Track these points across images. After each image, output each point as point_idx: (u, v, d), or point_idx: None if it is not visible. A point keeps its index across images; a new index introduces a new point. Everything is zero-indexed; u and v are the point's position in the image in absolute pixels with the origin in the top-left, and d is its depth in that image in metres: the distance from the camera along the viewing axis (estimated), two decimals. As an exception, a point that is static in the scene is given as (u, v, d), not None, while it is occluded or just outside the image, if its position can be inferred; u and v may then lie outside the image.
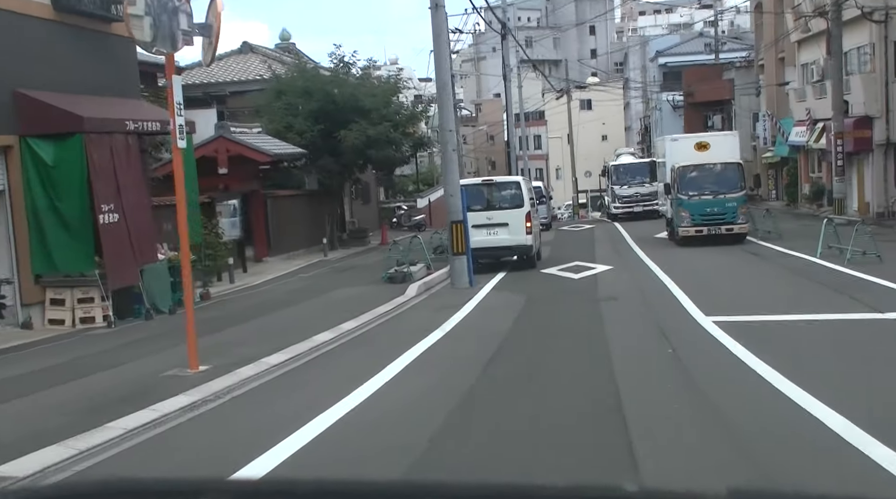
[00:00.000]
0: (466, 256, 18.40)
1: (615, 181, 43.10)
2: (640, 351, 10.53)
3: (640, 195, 41.91)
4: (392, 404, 8.40)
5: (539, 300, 15.98)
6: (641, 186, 41.88)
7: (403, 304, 16.17)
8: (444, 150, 18.18)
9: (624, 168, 43.61)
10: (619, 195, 42.58)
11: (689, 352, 10.28)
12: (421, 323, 13.55)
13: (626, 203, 42.11)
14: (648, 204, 40.98)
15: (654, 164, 40.85)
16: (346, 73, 31.71)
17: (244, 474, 5.93)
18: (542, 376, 9.39)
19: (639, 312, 14.03)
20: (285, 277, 23.49)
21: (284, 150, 27.07)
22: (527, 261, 22.13)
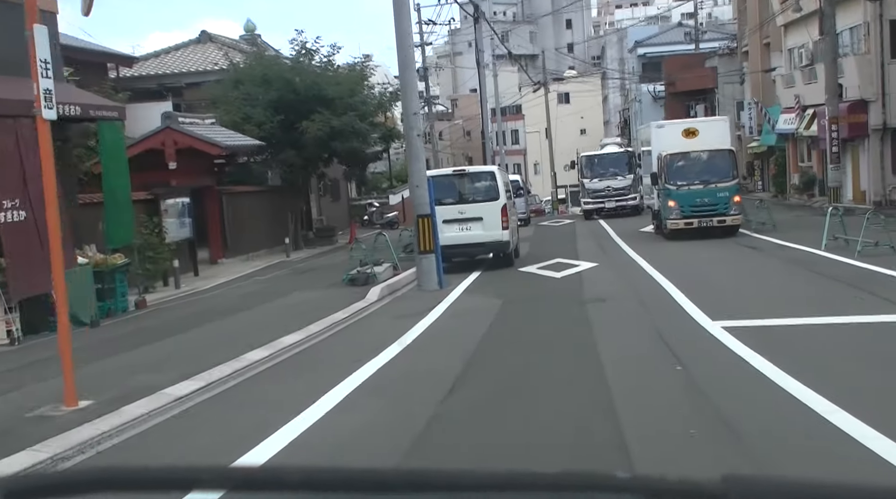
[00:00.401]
0: (435, 254, 16.39)
1: (585, 174, 38.53)
2: (641, 369, 8.53)
3: (612, 190, 37.46)
4: (326, 447, 6.41)
5: (517, 303, 14.00)
6: (614, 178, 37.49)
7: (362, 310, 14.14)
8: (407, 135, 16.18)
9: (595, 160, 39.04)
10: (589, 190, 38.08)
11: (703, 369, 8.31)
12: (378, 334, 11.52)
13: (597, 198, 37.64)
14: (622, 199, 37.34)
15: (630, 154, 37.85)
16: (309, 60, 29.58)
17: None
18: (519, 403, 7.39)
19: (633, 315, 12.07)
20: (239, 281, 21.40)
21: (240, 142, 24.95)
22: (504, 259, 20.18)
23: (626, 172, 37.41)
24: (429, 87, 65.36)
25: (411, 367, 9.40)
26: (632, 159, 36.96)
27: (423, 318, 12.64)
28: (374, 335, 11.42)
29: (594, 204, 37.64)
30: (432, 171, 21.96)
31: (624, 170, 37.56)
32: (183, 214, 22.43)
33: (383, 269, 18.85)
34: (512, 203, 22.49)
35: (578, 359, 9.19)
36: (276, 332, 11.65)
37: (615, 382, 7.89)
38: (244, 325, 13.24)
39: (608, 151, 40.51)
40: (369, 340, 10.99)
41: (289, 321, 12.85)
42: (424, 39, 60.71)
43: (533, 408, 7.21)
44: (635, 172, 36.44)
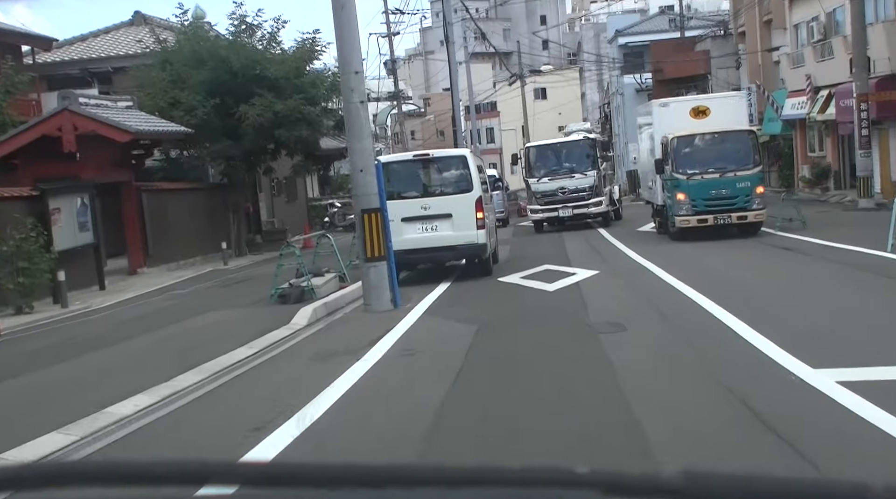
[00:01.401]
0: (387, 262, 12.23)
1: (532, 172, 27.09)
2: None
3: (567, 192, 26.28)
4: None
5: (498, 332, 9.84)
6: (570, 177, 26.41)
7: (278, 343, 9.97)
8: (346, 100, 12.01)
9: (544, 152, 27.62)
10: (536, 193, 26.94)
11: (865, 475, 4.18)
12: (272, 397, 7.21)
13: (548, 205, 26.54)
14: (582, 204, 26.34)
15: (594, 143, 27.72)
16: (250, 36, 25.27)
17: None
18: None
19: (676, 356, 7.91)
20: (150, 296, 17.11)
21: (158, 127, 20.63)
22: (479, 266, 16.07)
23: (587, 168, 26.55)
24: (397, 81, 61.06)
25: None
26: (595, 150, 27.24)
27: (357, 360, 8.43)
28: (264, 400, 7.08)
29: (544, 212, 26.79)
30: (388, 155, 17.87)
31: (584, 164, 26.65)
32: (84, 214, 18.14)
33: (325, 281, 14.69)
34: (489, 197, 18.38)
35: (617, 462, 5.04)
36: (125, 387, 7.45)
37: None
38: (91, 371, 8.94)
39: (560, 139, 29.59)
40: (253, 412, 6.68)
41: (163, 364, 8.69)
42: (392, 30, 56.46)
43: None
44: (598, 167, 27.03)
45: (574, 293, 12.74)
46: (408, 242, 15.19)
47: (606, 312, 10.60)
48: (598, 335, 9.13)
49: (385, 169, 15.51)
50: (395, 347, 9.13)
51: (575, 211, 26.39)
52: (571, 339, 9.05)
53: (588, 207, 26.41)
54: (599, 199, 26.62)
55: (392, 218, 14.86)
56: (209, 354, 9.12)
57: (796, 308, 10.09)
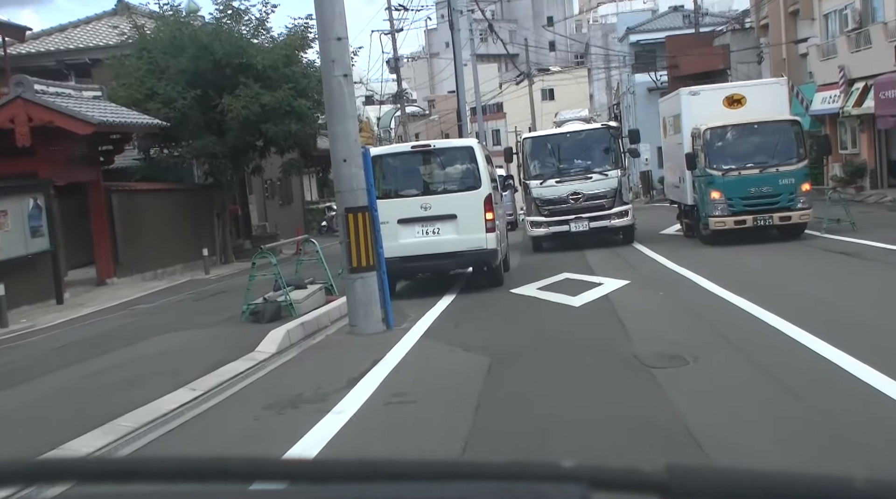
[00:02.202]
0: (377, 273, 9.95)
1: (532, 172, 19.87)
2: None
3: (581, 199, 19.22)
4: None
5: (518, 369, 7.51)
6: (586, 178, 19.37)
7: (229, 382, 7.68)
8: (325, 74, 9.71)
9: (547, 145, 20.11)
10: (538, 199, 19.58)
11: None
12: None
13: (554, 216, 19.28)
14: (602, 216, 19.20)
15: (617, 133, 20.83)
16: (236, 21, 23.01)
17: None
18: None
19: (775, 408, 5.57)
20: (110, 311, 14.84)
21: (125, 119, 18.36)
22: (488, 274, 13.80)
23: (608, 166, 19.46)
24: (401, 79, 58.98)
25: None
26: (618, 142, 20.26)
27: (327, 413, 6.12)
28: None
29: (549, 227, 19.35)
30: (381, 148, 15.71)
31: (605, 161, 19.57)
32: (37, 218, 15.91)
33: (308, 294, 12.42)
34: (499, 195, 16.12)
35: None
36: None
37: None
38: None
39: (571, 129, 21.06)
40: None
41: (69, 415, 6.49)
42: (396, 27, 54.41)
43: None
44: (623, 166, 20.17)
45: (605, 310, 10.46)
46: (405, 248, 12.96)
47: (654, 337, 8.32)
48: (651, 372, 6.84)
49: (378, 163, 13.32)
50: (380, 391, 6.82)
51: (592, 224, 18.85)
52: (618, 379, 6.75)
53: (610, 219, 19.03)
54: (624, 208, 19.26)
55: (386, 220, 12.64)
56: (136, 399, 6.87)
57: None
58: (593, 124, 21.99)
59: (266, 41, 23.43)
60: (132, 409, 6.52)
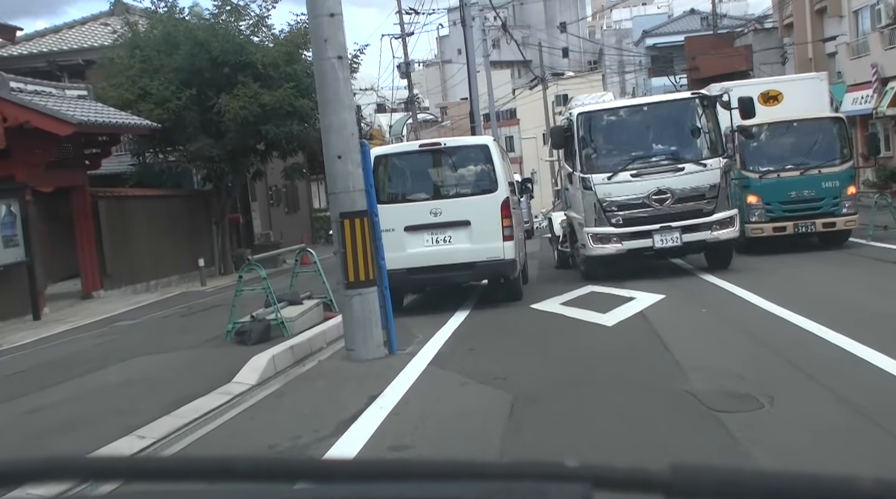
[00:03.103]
0: (378, 288, 8.51)
1: (596, 163, 13.83)
2: None
3: (671, 199, 13.31)
4: None
5: (547, 411, 6.01)
6: (676, 170, 13.40)
7: (191, 426, 6.25)
8: (316, 55, 8.27)
9: (615, 121, 14.37)
10: (606, 202, 13.47)
11: None
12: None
13: (630, 226, 13.42)
14: (701, 224, 13.30)
15: (712, 104, 14.14)
16: (236, 18, 21.64)
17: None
18: None
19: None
20: (88, 329, 13.41)
21: (110, 119, 16.98)
22: (506, 287, 12.37)
23: (703, 152, 13.83)
24: (412, 85, 57.72)
25: None
26: (715, 118, 14.13)
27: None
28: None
29: (622, 241, 13.48)
30: (385, 147, 14.39)
31: (696, 146, 13.99)
32: (11, 226, 14.56)
33: (303, 311, 11.01)
34: (517, 200, 14.68)
35: None
36: None
37: None
38: None
39: (649, 99, 16.31)
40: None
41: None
42: (407, 30, 53.26)
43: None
44: (725, 152, 14.04)
45: (644, 330, 9.00)
46: (412, 259, 11.58)
47: (710, 368, 6.86)
48: (718, 417, 5.39)
49: (382, 163, 11.97)
50: (375, 441, 5.36)
51: (686, 237, 13.12)
52: (677, 428, 5.28)
53: (710, 229, 13.16)
54: (729, 213, 13.38)
55: (391, 227, 11.31)
56: (70, 447, 5.47)
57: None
58: (682, 94, 16.54)
59: (267, 39, 22.07)
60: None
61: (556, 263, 17.35)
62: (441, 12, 60.53)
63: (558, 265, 16.78)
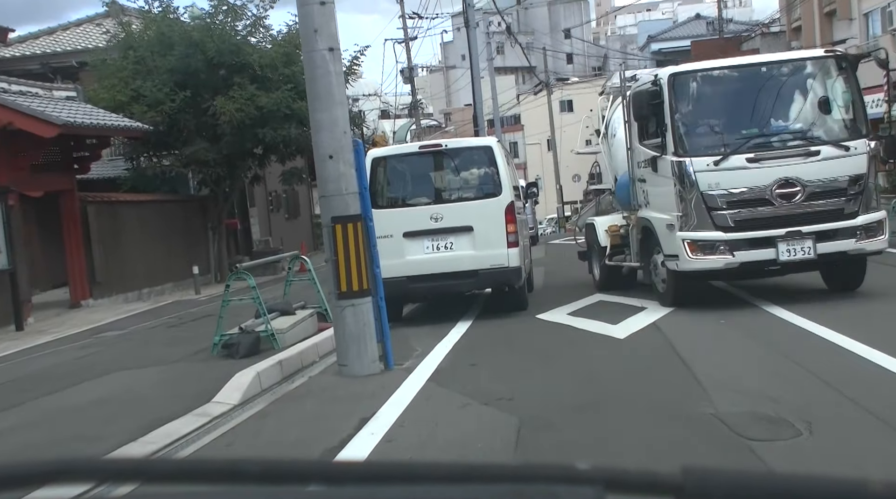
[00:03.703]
0: (373, 298, 7.89)
1: (697, 143, 10.15)
2: None
3: (802, 195, 9.74)
4: None
5: (556, 435, 5.39)
6: (808, 154, 9.81)
7: (158, 454, 5.61)
8: (305, 47, 7.64)
9: (731, 86, 10.46)
10: (711, 196, 9.85)
11: None
12: None
13: (745, 230, 9.82)
14: (840, 229, 9.83)
15: (853, 65, 10.35)
16: (233, 18, 21.06)
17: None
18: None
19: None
20: (72, 340, 12.80)
21: (99, 121, 16.38)
22: (510, 297, 11.74)
23: (843, 130, 10.25)
24: (415, 89, 57.17)
25: None
26: (856, 85, 10.36)
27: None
28: None
29: (733, 250, 9.85)
30: (383, 149, 13.83)
31: (833, 123, 10.37)
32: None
33: (296, 321, 10.39)
34: (522, 205, 14.08)
35: None
36: None
37: None
38: None
39: (769, 58, 11.39)
40: None
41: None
42: (410, 35, 52.67)
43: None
44: (868, 129, 10.54)
45: (659, 343, 8.37)
46: (412, 266, 10.98)
47: (736, 387, 6.22)
48: (751, 446, 4.76)
49: (380, 166, 11.38)
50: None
51: (821, 246, 9.83)
52: (705, 461, 4.65)
53: (855, 237, 9.93)
54: (876, 217, 10.12)
55: (390, 233, 10.75)
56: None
57: None
58: (813, 51, 12.68)
59: (264, 40, 21.49)
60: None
61: (596, 282, 13.49)
62: (444, 17, 59.76)
63: (603, 286, 13.12)
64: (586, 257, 14.48)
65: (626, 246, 12.35)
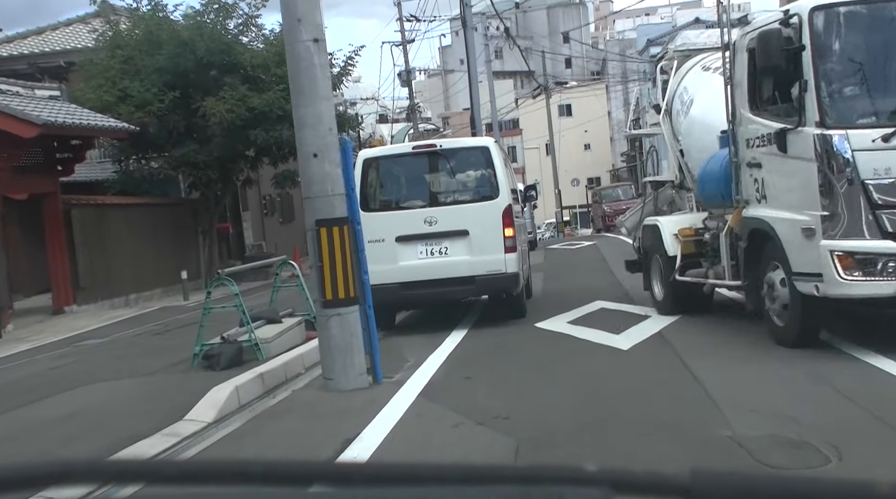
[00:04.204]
0: (360, 307, 7.38)
1: (849, 109, 6.98)
2: None
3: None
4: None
5: (558, 459, 4.92)
6: None
7: (112, 484, 5.11)
8: (288, 38, 7.13)
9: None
10: (879, 188, 6.61)
11: None
12: None
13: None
14: None
15: None
16: (224, 18, 20.55)
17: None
18: None
19: None
20: (50, 348, 12.25)
21: (82, 121, 15.86)
22: (508, 304, 11.24)
23: None
24: (413, 92, 56.64)
25: None
26: None
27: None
28: None
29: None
30: (375, 149, 13.36)
31: None
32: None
33: (281, 330, 9.88)
34: (520, 208, 13.59)
35: None
36: None
37: None
38: None
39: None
40: None
41: None
42: (408, 37, 52.17)
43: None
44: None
45: (666, 355, 7.86)
46: (405, 272, 10.49)
47: (753, 406, 5.70)
48: (776, 475, 4.24)
49: (372, 167, 10.89)
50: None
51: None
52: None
53: None
54: None
55: (381, 237, 10.28)
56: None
57: None
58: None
59: (256, 39, 20.99)
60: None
61: (657, 302, 10.68)
62: (442, 20, 59.40)
63: (670, 310, 10.20)
64: (640, 269, 11.54)
65: (704, 256, 9.66)
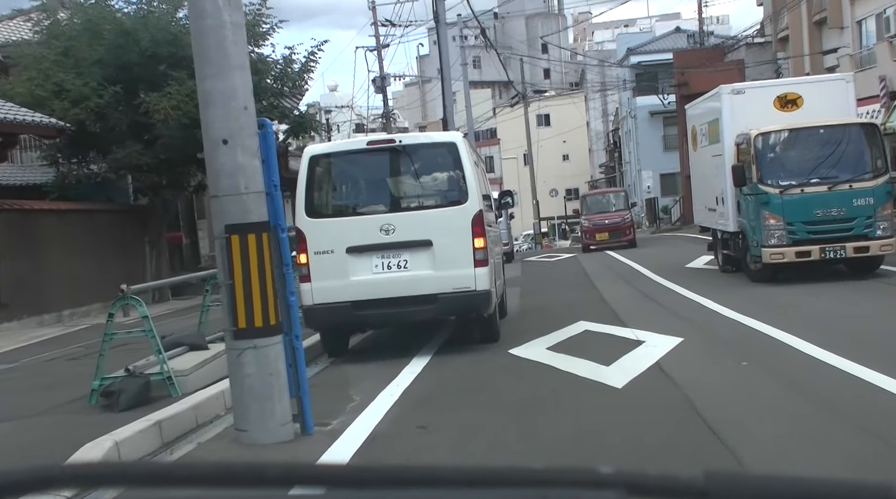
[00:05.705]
0: (285, 337, 5.76)
1: None
2: None
3: None
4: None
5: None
6: None
7: None
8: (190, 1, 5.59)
9: None
10: None
11: None
12: None
13: None
14: None
15: None
16: (173, 6, 18.83)
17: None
18: None
19: None
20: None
21: (2, 115, 14.08)
22: (479, 326, 9.66)
23: None
24: (387, 99, 55.03)
25: None
26: None
27: None
28: None
29: None
30: (323, 145, 11.82)
31: None
32: None
33: (205, 360, 8.24)
34: (494, 216, 12.04)
35: None
36: None
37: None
38: None
39: None
40: None
41: None
42: (383, 42, 50.57)
43: None
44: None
45: (669, 394, 6.32)
46: (358, 289, 8.92)
47: (779, 459, 4.15)
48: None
49: (318, 165, 9.30)
50: None
51: None
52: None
53: None
54: None
55: (330, 248, 8.72)
56: None
57: None
58: None
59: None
60: None
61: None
62: (418, 23, 57.88)
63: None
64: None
65: None
